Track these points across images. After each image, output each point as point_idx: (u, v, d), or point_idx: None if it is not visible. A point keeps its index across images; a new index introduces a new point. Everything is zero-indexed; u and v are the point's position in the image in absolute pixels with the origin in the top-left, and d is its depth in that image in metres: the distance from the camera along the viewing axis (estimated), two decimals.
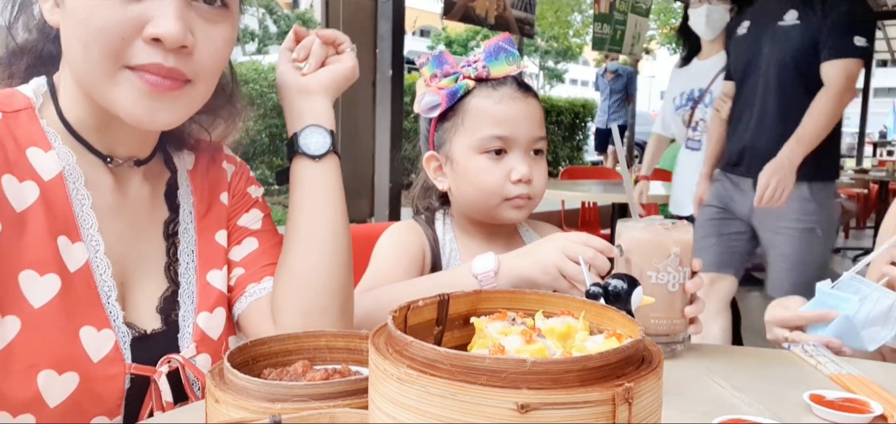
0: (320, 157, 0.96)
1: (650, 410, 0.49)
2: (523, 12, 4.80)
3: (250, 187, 1.05)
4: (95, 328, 0.83)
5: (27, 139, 0.83)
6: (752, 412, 0.81)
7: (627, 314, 0.61)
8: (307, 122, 0.97)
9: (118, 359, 0.84)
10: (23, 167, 0.82)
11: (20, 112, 0.84)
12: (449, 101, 1.21)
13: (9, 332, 0.78)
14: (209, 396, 0.65)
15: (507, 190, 1.20)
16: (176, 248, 0.95)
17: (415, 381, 0.47)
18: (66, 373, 0.80)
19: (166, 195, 0.97)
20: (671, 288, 1.01)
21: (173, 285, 0.94)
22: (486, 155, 1.20)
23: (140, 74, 0.79)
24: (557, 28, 19.94)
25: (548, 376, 0.45)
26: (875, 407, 0.81)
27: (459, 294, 0.64)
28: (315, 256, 0.94)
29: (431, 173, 1.29)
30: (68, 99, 0.87)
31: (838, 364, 0.97)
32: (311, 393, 0.62)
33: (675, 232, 1.02)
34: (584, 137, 11.19)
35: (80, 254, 0.84)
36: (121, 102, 0.80)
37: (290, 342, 0.76)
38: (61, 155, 0.85)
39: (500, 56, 1.22)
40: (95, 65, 0.79)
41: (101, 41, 0.77)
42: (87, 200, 0.86)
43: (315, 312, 0.93)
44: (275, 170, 8.53)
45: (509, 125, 1.20)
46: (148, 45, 0.78)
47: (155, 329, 0.90)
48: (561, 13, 18.94)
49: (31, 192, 0.81)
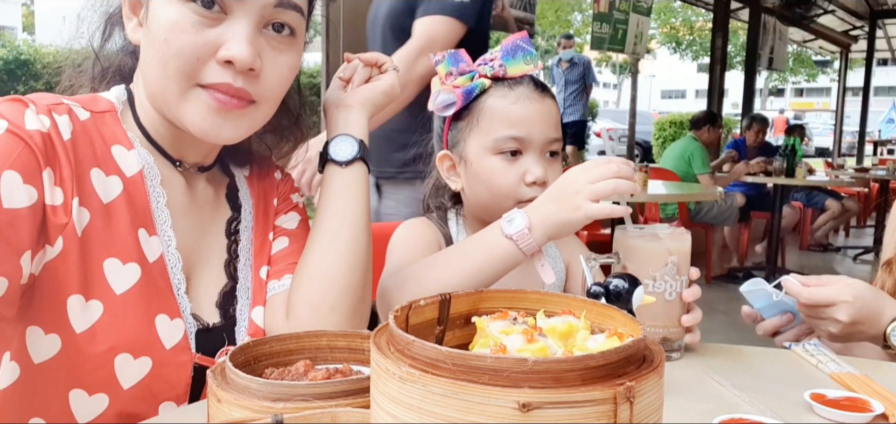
0: (347, 163, 1.01)
1: (651, 409, 0.49)
2: (523, 12, 4.81)
3: (294, 193, 1.12)
4: (169, 317, 0.89)
5: (112, 138, 0.90)
6: (753, 411, 0.81)
7: (628, 313, 0.61)
8: (339, 131, 1.03)
9: (186, 348, 0.90)
10: (109, 163, 0.88)
11: (105, 114, 0.91)
12: (465, 99, 1.18)
13: (93, 315, 0.83)
14: (211, 395, 0.65)
15: (521, 192, 1.17)
16: (237, 245, 1.02)
17: (416, 380, 0.47)
18: (141, 358, 0.85)
19: (228, 196, 1.04)
20: (668, 297, 1.00)
21: (232, 281, 0.99)
22: (501, 156, 1.17)
23: (210, 92, 0.87)
24: (557, 28, 19.92)
25: (549, 375, 0.45)
26: (876, 406, 0.81)
27: (461, 294, 0.64)
28: (331, 253, 0.98)
29: (444, 172, 1.26)
30: (142, 107, 0.94)
31: (839, 364, 0.97)
32: (313, 393, 0.62)
33: (673, 240, 1.01)
34: (585, 136, 11.20)
35: (156, 247, 0.90)
36: (190, 117, 0.88)
37: (291, 341, 0.77)
38: (141, 155, 0.91)
39: (518, 55, 1.19)
40: (170, 81, 0.86)
41: (179, 61, 0.85)
42: (162, 197, 0.92)
43: (324, 307, 0.95)
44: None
45: (525, 126, 1.16)
46: (220, 66, 0.86)
47: (215, 323, 0.95)
48: (561, 13, 18.94)
49: (115, 186, 0.87)
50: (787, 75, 26.34)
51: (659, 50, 25.35)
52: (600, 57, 27.57)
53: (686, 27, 22.18)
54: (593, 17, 6.05)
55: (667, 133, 15.27)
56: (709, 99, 7.81)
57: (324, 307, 0.95)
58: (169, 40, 0.85)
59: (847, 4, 10.22)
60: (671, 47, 24.28)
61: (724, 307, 5.13)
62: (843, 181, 6.89)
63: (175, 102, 0.87)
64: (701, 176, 5.46)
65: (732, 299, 5.34)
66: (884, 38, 13.10)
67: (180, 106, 0.87)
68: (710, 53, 8.17)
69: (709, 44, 8.71)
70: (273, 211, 1.08)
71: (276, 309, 0.99)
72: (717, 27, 8.02)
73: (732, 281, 5.71)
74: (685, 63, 26.47)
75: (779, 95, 43.41)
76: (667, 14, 21.39)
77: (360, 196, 1.01)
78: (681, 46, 23.48)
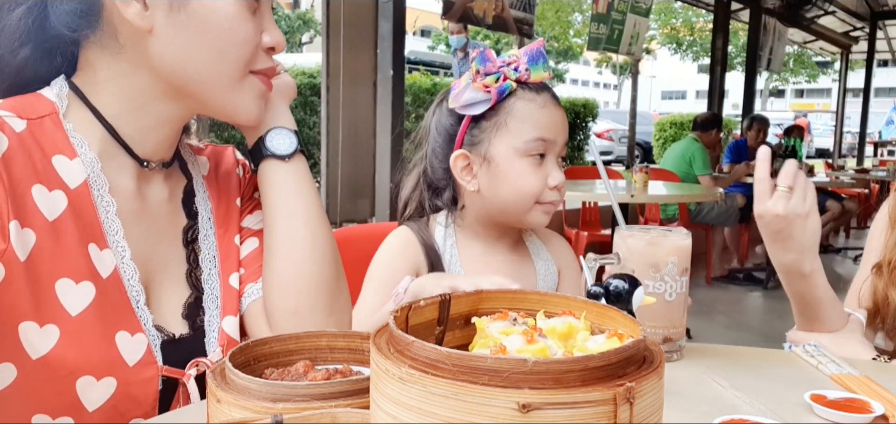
0: (289, 156, 0.97)
1: (651, 410, 0.49)
2: (522, 12, 4.80)
3: (257, 190, 1.05)
4: (129, 332, 0.85)
5: (53, 147, 0.83)
6: (753, 412, 0.81)
7: (629, 314, 0.61)
8: (270, 125, 0.98)
9: (151, 362, 0.86)
10: (51, 176, 0.82)
11: (44, 118, 0.84)
12: (498, 97, 1.20)
13: (49, 340, 0.79)
14: (211, 396, 0.65)
15: (545, 195, 1.22)
16: (196, 255, 0.97)
17: (416, 381, 0.47)
18: (104, 379, 0.81)
19: (184, 202, 0.98)
20: (668, 297, 1.00)
21: (196, 291, 0.95)
22: (530, 159, 1.21)
23: (261, 77, 0.92)
24: (557, 28, 19.94)
25: (549, 376, 0.45)
26: (876, 407, 0.81)
27: (461, 294, 0.64)
28: (296, 256, 0.94)
29: (458, 172, 1.25)
30: (116, 103, 0.88)
31: (839, 365, 0.97)
32: (313, 393, 0.62)
33: (673, 240, 1.01)
34: (585, 137, 11.20)
35: (109, 260, 0.85)
36: (244, 102, 0.91)
37: (291, 342, 0.76)
38: (86, 162, 0.85)
39: (539, 61, 1.22)
40: (229, 70, 0.88)
41: (242, 49, 0.88)
42: (111, 206, 0.87)
43: (303, 311, 0.93)
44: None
45: (552, 131, 1.21)
46: (264, 52, 0.91)
47: (183, 334, 0.91)
48: (561, 13, 18.94)
49: (60, 201, 0.82)
50: (788, 76, 26.34)
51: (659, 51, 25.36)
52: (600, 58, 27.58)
53: (686, 28, 22.19)
54: (592, 18, 6.05)
55: (667, 134, 15.26)
56: (709, 100, 7.81)
57: (302, 310, 0.93)
58: (232, 29, 0.86)
59: (847, 5, 10.22)
60: (672, 48, 24.29)
61: (724, 307, 5.13)
62: (844, 182, 6.90)
63: (229, 90, 0.89)
64: (702, 177, 5.46)
65: (732, 299, 5.36)
66: (884, 39, 13.08)
67: (234, 93, 0.89)
68: (711, 54, 8.17)
69: (709, 45, 8.71)
70: (237, 212, 1.03)
71: (257, 314, 0.97)
72: (717, 28, 8.02)
73: (732, 282, 5.72)
74: (686, 64, 26.47)
75: (779, 96, 43.44)
76: (667, 15, 21.39)
77: (309, 189, 0.98)
78: (681, 47, 23.48)
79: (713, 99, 7.72)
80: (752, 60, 8.43)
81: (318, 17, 3.44)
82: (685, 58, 24.48)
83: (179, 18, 0.84)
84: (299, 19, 22.75)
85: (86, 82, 0.88)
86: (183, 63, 0.86)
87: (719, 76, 7.78)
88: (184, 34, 0.85)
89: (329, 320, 0.95)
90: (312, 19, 22.11)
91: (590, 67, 39.10)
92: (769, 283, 5.51)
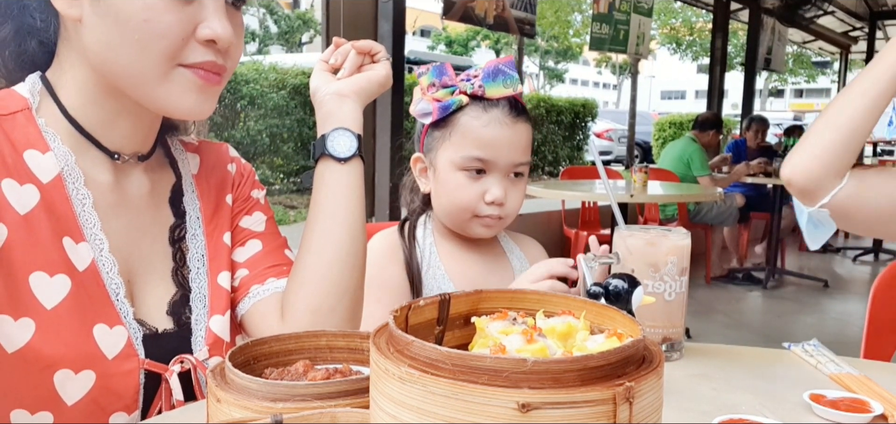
0: (346, 159, 0.98)
1: (651, 409, 0.49)
2: (524, 12, 4.80)
3: (253, 190, 1.07)
4: (108, 325, 0.84)
5: (24, 142, 0.83)
6: (752, 411, 0.81)
7: (628, 313, 0.61)
8: (336, 124, 0.98)
9: (132, 355, 0.85)
10: (22, 171, 0.82)
11: (16, 114, 0.84)
12: (440, 113, 1.24)
13: (25, 334, 0.79)
14: (210, 396, 0.65)
15: (480, 209, 1.25)
16: (183, 254, 0.96)
17: (416, 380, 0.47)
18: (82, 372, 0.81)
19: (172, 201, 0.98)
20: (668, 297, 1.00)
21: (182, 289, 0.95)
22: (466, 173, 1.25)
23: (194, 70, 0.84)
24: (558, 28, 19.95)
25: (549, 375, 0.45)
26: (875, 407, 0.81)
27: (460, 294, 0.64)
28: (329, 255, 0.96)
29: (416, 173, 1.34)
30: (76, 96, 0.87)
31: (838, 364, 0.97)
32: (313, 393, 0.62)
33: (672, 240, 1.01)
34: (585, 137, 11.21)
35: (85, 253, 0.85)
36: (174, 98, 0.84)
37: (291, 341, 0.76)
38: (60, 156, 0.85)
39: (498, 78, 1.24)
40: (152, 63, 0.82)
41: (164, 42, 0.81)
42: (87, 199, 0.86)
43: (324, 310, 0.94)
44: (275, 169, 8.56)
45: (492, 149, 1.23)
46: (201, 44, 0.83)
47: (166, 329, 0.91)
48: (561, 13, 18.95)
49: (32, 195, 0.82)
50: (787, 76, 26.34)
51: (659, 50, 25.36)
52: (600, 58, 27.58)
53: (686, 28, 22.20)
54: (592, 18, 6.05)
55: (666, 134, 15.27)
56: (709, 100, 7.81)
57: (323, 309, 0.94)
58: (151, 20, 0.79)
59: (847, 5, 10.22)
60: (671, 48, 24.29)
61: (724, 307, 5.13)
62: None
63: (154, 85, 0.83)
64: (701, 178, 5.46)
65: (732, 299, 5.36)
66: (884, 39, 13.05)
67: (161, 88, 0.83)
68: (710, 54, 8.17)
69: (709, 44, 8.71)
70: (227, 210, 1.02)
71: (261, 314, 0.97)
72: (716, 28, 8.02)
73: (732, 282, 5.72)
74: (685, 64, 26.48)
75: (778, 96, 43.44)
76: (667, 15, 21.39)
77: (358, 195, 0.98)
78: (681, 47, 23.50)
79: (712, 99, 7.72)
80: (751, 59, 8.42)
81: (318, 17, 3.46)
82: (685, 58, 24.49)
83: (100, 8, 0.81)
84: (299, 19, 22.72)
85: (55, 76, 0.88)
86: (109, 55, 0.83)
87: (719, 76, 7.77)
88: (105, 24, 0.82)
89: (346, 324, 0.96)
90: (312, 19, 22.09)
91: (589, 67, 39.12)
92: (768, 283, 5.52)
